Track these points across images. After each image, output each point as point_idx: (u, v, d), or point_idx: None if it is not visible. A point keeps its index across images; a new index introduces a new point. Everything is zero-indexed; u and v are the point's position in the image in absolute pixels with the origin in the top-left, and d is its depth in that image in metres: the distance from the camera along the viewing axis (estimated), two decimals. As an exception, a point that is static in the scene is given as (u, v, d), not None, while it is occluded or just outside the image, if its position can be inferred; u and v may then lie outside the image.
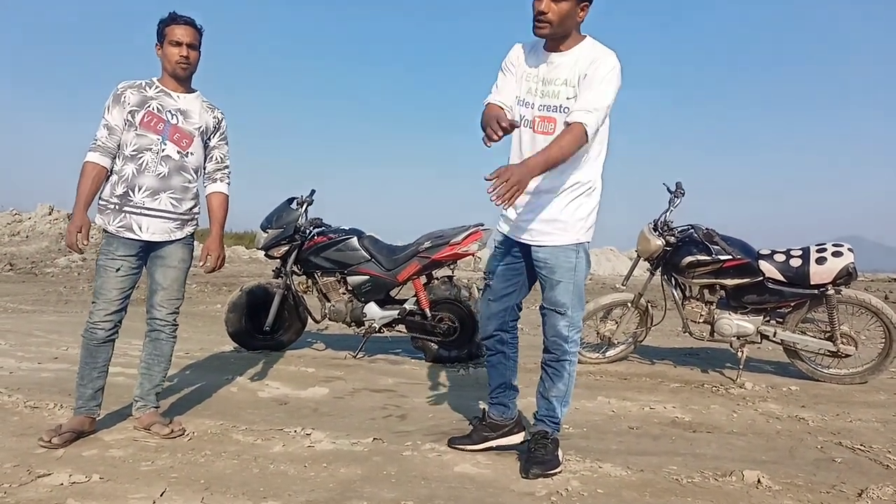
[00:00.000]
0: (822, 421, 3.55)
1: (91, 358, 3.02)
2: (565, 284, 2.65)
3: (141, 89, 3.04)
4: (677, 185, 4.71)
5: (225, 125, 3.27)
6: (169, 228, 3.06)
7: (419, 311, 4.92)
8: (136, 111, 2.99)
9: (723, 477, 2.66)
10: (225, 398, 3.82)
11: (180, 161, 3.05)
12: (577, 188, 2.63)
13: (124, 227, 2.98)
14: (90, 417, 3.06)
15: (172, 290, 3.15)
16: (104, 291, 2.98)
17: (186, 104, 3.10)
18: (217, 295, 9.74)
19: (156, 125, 3.01)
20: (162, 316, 3.14)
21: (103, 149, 2.99)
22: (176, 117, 3.05)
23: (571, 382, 2.76)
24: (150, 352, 3.19)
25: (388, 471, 2.69)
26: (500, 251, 2.86)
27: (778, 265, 4.42)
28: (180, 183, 3.06)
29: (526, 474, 2.64)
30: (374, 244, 5.04)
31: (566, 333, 2.68)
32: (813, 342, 4.46)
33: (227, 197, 3.29)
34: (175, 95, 3.08)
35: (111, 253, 2.99)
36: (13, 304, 8.16)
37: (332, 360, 4.94)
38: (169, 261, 3.11)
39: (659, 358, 5.18)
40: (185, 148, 3.06)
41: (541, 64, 2.65)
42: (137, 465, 2.70)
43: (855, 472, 2.79)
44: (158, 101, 3.03)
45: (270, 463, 2.76)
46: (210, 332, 6.32)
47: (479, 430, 2.99)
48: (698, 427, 3.41)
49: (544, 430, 2.75)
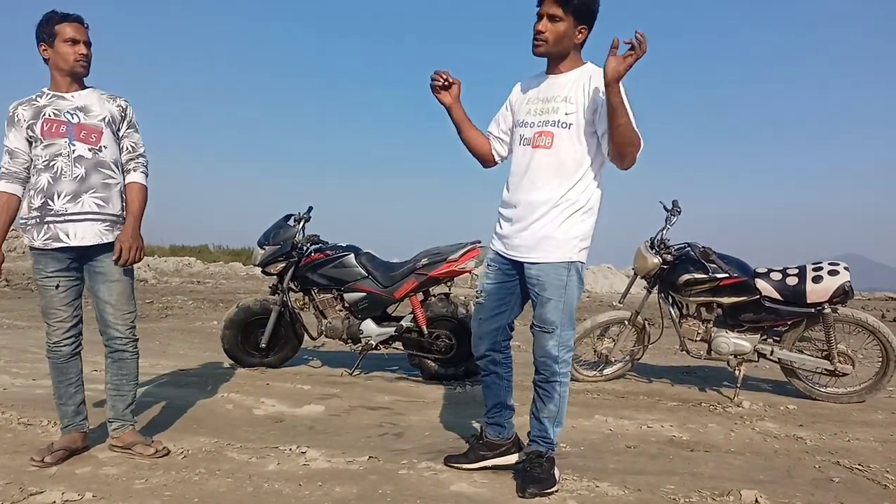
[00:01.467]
0: (819, 440, 3.54)
1: (63, 375, 2.96)
2: (555, 303, 2.63)
3: (32, 102, 2.91)
4: (674, 203, 4.72)
5: (131, 112, 3.08)
6: (98, 231, 2.89)
7: (416, 328, 4.91)
8: (34, 123, 2.87)
9: (720, 497, 2.65)
10: (220, 415, 3.80)
11: (94, 158, 2.90)
12: (572, 206, 2.63)
13: (50, 238, 2.85)
14: (81, 433, 3.02)
15: (121, 304, 2.98)
16: (53, 311, 2.90)
17: (83, 100, 2.95)
18: (213, 311, 9.71)
19: (58, 129, 2.87)
20: (120, 334, 2.99)
21: (8, 175, 2.89)
22: (76, 116, 2.90)
23: (563, 403, 2.74)
24: (116, 372, 3.04)
25: (384, 489, 2.67)
26: (492, 269, 2.86)
27: (774, 283, 4.43)
28: (100, 180, 2.91)
29: (522, 493, 2.62)
30: (371, 261, 5.04)
31: (555, 353, 2.66)
32: (810, 361, 4.46)
33: (143, 187, 3.05)
34: (69, 95, 2.94)
35: (43, 271, 2.88)
36: (8, 319, 8.12)
37: (329, 378, 4.92)
38: (110, 275, 2.94)
39: (656, 376, 5.16)
40: (95, 143, 2.91)
41: (541, 86, 2.73)
42: (131, 483, 2.68)
43: (853, 492, 2.78)
44: (53, 107, 2.89)
45: (265, 481, 2.74)
46: (206, 348, 6.30)
47: (475, 448, 2.97)
48: (696, 446, 3.39)
49: (538, 450, 2.74)
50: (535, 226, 2.65)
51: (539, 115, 2.68)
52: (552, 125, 2.63)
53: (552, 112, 2.64)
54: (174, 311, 9.63)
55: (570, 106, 2.61)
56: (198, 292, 12.58)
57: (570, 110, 2.60)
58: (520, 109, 2.78)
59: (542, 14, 2.55)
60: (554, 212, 2.63)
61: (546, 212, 2.64)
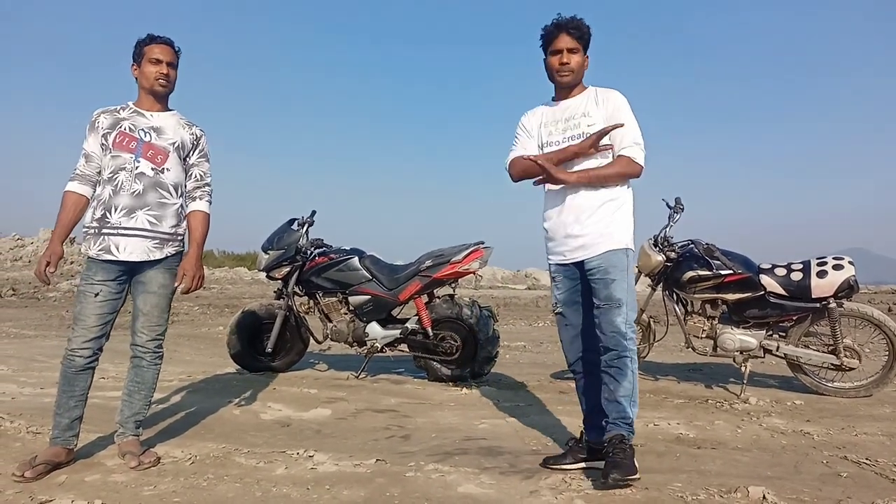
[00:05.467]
0: (827, 435, 3.53)
1: (69, 386, 2.96)
2: (619, 282, 2.79)
3: (114, 113, 3.04)
4: (676, 200, 4.73)
5: (204, 142, 3.21)
6: (146, 248, 2.98)
7: (421, 330, 4.91)
8: (109, 133, 2.98)
9: (728, 493, 2.64)
10: (227, 421, 3.81)
11: (155, 178, 3.00)
12: (611, 204, 2.86)
13: (103, 249, 2.93)
14: (66, 448, 2.96)
15: (153, 316, 3.06)
16: (82, 317, 2.93)
17: (160, 121, 3.07)
18: (219, 317, 9.74)
19: (128, 144, 2.98)
20: (142, 342, 3.07)
21: (81, 177, 3.00)
22: (149, 135, 3.02)
23: (636, 381, 2.81)
24: (132, 378, 3.11)
25: (392, 492, 2.68)
26: (558, 280, 3.02)
27: (779, 279, 4.43)
28: (156, 199, 3.00)
29: (606, 479, 2.61)
30: (376, 264, 5.05)
31: (624, 329, 2.77)
32: (816, 356, 4.45)
33: (206, 215, 3.19)
34: (148, 114, 3.06)
35: (90, 278, 2.94)
36: (16, 328, 8.16)
37: (335, 381, 4.93)
38: (149, 286, 3.04)
39: (662, 374, 5.16)
40: (159, 164, 3.02)
41: (555, 111, 3.01)
42: (140, 490, 2.69)
43: (861, 486, 2.77)
44: (131, 121, 3.02)
45: (273, 486, 2.74)
46: (212, 354, 6.32)
47: (574, 451, 3.00)
48: (703, 443, 3.39)
49: (620, 433, 2.75)
50: (590, 227, 2.85)
51: (563, 133, 2.94)
52: (577, 137, 2.89)
53: (575, 127, 2.91)
54: (180, 318, 9.66)
55: (589, 118, 2.89)
56: (203, 298, 12.61)
57: (591, 122, 2.88)
58: (541, 133, 3.03)
59: (561, 49, 2.87)
60: (601, 212, 2.84)
61: (594, 214, 2.85)
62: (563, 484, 2.76)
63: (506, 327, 8.52)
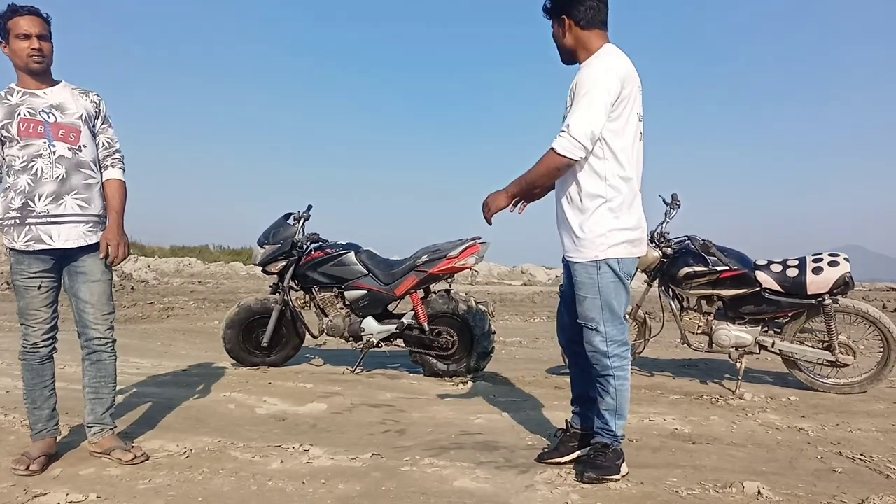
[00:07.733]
0: (821, 431, 3.54)
1: (38, 378, 2.94)
2: (591, 300, 2.69)
3: (2, 101, 2.81)
4: (673, 196, 4.73)
5: (104, 107, 3.02)
6: (81, 232, 2.86)
7: (417, 325, 4.91)
8: (9, 123, 2.78)
9: (723, 489, 2.65)
10: (223, 415, 3.81)
11: (75, 158, 2.85)
12: (581, 209, 2.66)
13: (33, 240, 2.79)
14: (53, 438, 2.99)
15: (102, 304, 2.95)
16: (33, 312, 2.87)
17: (57, 97, 2.88)
18: (214, 311, 9.73)
19: (35, 129, 2.79)
20: (100, 334, 2.96)
21: None
22: (52, 114, 2.83)
23: (621, 395, 2.76)
24: (95, 374, 3.00)
25: (387, 486, 2.68)
26: (564, 269, 2.90)
27: (775, 275, 4.43)
28: (81, 181, 2.86)
29: (580, 477, 2.70)
30: (372, 259, 5.04)
31: (603, 348, 2.71)
32: (811, 352, 4.46)
33: (122, 182, 3.02)
34: (41, 93, 2.85)
35: (25, 271, 2.83)
36: (10, 322, 8.13)
37: (331, 376, 4.93)
38: (91, 275, 2.92)
39: (658, 370, 5.17)
40: (74, 142, 2.86)
41: None
42: (135, 484, 2.68)
43: (855, 482, 2.78)
44: (27, 106, 2.81)
45: (268, 480, 2.74)
46: (207, 348, 6.31)
47: (564, 441, 3.02)
48: (698, 439, 3.40)
49: (603, 441, 2.79)
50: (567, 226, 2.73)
51: None
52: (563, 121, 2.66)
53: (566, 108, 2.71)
54: (175, 312, 9.64)
55: (569, 100, 2.68)
56: (199, 292, 12.59)
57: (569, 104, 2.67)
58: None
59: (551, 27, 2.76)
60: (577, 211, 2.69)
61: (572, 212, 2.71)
62: (558, 478, 2.77)
63: (501, 323, 8.53)
